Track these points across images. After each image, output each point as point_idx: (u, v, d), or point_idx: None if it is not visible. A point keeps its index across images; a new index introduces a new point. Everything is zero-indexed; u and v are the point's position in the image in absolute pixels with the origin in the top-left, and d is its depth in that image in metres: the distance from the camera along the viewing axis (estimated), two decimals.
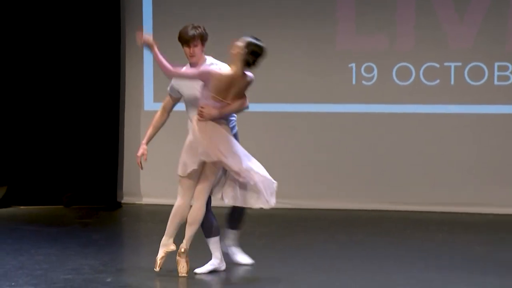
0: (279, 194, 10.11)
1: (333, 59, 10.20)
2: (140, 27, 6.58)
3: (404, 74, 10.12)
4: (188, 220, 6.62)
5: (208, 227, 6.72)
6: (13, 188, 10.27)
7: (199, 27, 6.69)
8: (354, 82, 10.21)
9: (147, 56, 10.48)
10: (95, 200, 10.37)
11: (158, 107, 10.42)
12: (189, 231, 6.62)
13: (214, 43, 10.34)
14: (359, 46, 10.13)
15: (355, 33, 10.14)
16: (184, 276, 6.52)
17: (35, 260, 7.12)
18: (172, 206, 10.21)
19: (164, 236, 6.70)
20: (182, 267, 6.53)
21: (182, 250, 6.58)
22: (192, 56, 6.65)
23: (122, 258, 7.36)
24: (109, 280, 6.47)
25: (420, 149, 10.09)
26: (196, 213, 6.61)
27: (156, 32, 10.52)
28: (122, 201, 10.58)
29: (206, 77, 6.49)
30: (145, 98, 10.58)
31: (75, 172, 10.35)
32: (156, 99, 10.54)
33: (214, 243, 6.74)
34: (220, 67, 6.61)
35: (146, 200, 10.53)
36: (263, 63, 10.20)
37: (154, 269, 6.60)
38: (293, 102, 10.30)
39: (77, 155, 10.38)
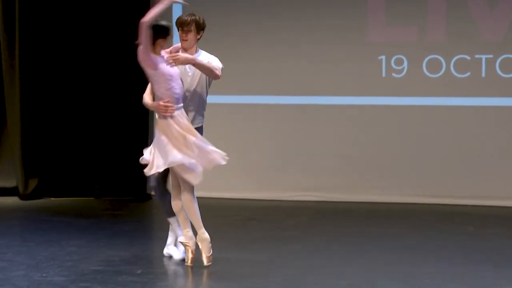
0: (310, 186, 10.17)
1: (363, 51, 10.15)
2: None
3: (434, 66, 10.06)
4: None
5: (170, 208, 6.85)
6: (45, 180, 10.34)
7: (196, 15, 6.89)
8: (384, 74, 10.16)
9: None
10: (125, 192, 10.43)
11: None
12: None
13: (243, 35, 10.40)
14: (389, 38, 10.08)
15: (385, 25, 10.09)
16: (207, 265, 6.56)
17: (66, 252, 7.16)
18: (201, 198, 10.29)
19: (182, 231, 6.74)
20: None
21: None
22: (184, 40, 6.77)
23: (152, 249, 7.39)
24: (139, 271, 6.50)
25: (450, 142, 10.02)
26: (188, 205, 6.66)
27: None
28: (152, 193, 10.61)
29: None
30: None
31: (105, 164, 10.40)
32: None
33: (175, 221, 6.89)
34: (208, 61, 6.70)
35: None
36: (293, 55, 10.27)
37: (186, 263, 6.65)
38: (323, 94, 10.27)
39: (107, 147, 10.43)
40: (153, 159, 6.63)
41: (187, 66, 6.75)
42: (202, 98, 6.95)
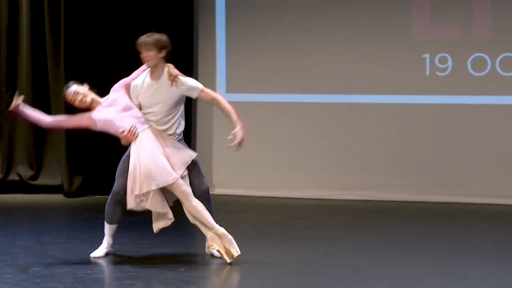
0: (356, 185, 10.13)
1: (407, 50, 10.08)
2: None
3: (479, 64, 9.96)
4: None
5: (113, 214, 6.90)
6: (89, 178, 10.41)
7: (156, 34, 7.00)
8: (428, 73, 10.08)
9: (220, 48, 10.51)
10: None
11: (231, 97, 10.53)
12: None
13: (288, 32, 10.39)
14: (433, 36, 10.00)
15: (429, 23, 10.00)
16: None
17: None
18: (244, 196, 10.34)
19: (207, 232, 6.73)
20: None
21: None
22: (146, 60, 6.91)
23: (195, 248, 7.40)
24: (181, 270, 6.50)
25: (494, 141, 9.92)
26: (195, 211, 6.73)
27: (230, 24, 10.55)
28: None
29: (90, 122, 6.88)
30: (218, 89, 10.60)
31: None
32: (229, 89, 10.57)
33: (112, 229, 6.93)
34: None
35: (218, 191, 10.56)
36: (338, 53, 10.22)
37: (227, 261, 6.64)
38: (366, 93, 10.22)
39: None
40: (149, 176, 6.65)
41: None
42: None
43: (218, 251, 6.68)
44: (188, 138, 10.58)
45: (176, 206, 6.98)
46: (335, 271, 6.48)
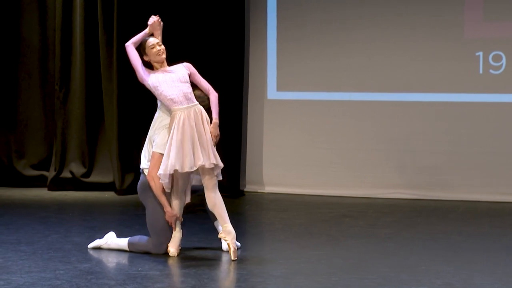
0: (406, 184, 10.06)
1: (459, 48, 10.00)
2: None
3: None
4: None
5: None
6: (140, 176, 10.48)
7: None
8: (481, 71, 9.98)
9: (271, 45, 10.52)
10: (219, 188, 10.46)
11: (282, 96, 10.61)
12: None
13: (338, 30, 10.36)
14: (487, 34, 9.89)
15: (483, 21, 9.90)
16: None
17: None
18: (293, 195, 10.33)
19: (224, 226, 6.81)
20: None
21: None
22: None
23: (244, 246, 7.41)
24: (232, 267, 6.52)
25: None
26: (220, 201, 6.93)
27: (281, 23, 10.55)
28: (245, 190, 10.67)
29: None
30: (268, 87, 10.63)
31: None
32: (279, 88, 10.58)
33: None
34: None
35: (268, 189, 10.59)
36: (389, 51, 10.17)
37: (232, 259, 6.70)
38: (418, 91, 10.15)
39: None
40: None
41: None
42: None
43: (228, 244, 6.76)
44: (239, 137, 10.63)
45: (230, 205, 6.99)
46: (384, 270, 6.45)
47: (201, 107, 6.91)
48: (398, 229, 8.25)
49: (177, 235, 6.90)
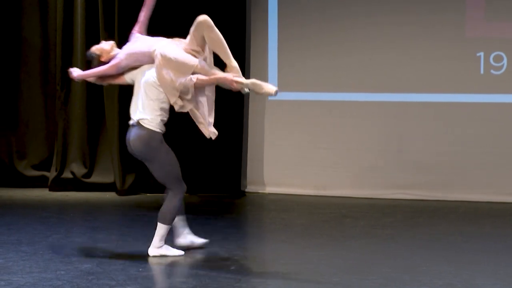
0: (407, 184, 10.06)
1: (460, 48, 9.99)
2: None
3: None
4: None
5: None
6: (141, 176, 10.49)
7: None
8: (482, 71, 9.97)
9: (272, 45, 10.52)
10: (220, 189, 10.50)
11: (282, 96, 10.57)
12: None
13: (340, 29, 10.36)
14: (488, 33, 9.88)
15: (484, 20, 9.89)
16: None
17: None
18: (294, 195, 10.33)
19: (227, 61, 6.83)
20: None
21: None
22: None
23: (245, 246, 7.42)
24: (233, 268, 6.52)
25: None
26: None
27: (282, 22, 10.55)
28: (246, 190, 10.67)
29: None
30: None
31: (200, 161, 10.49)
32: (281, 88, 10.54)
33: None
34: None
35: (269, 189, 10.59)
36: (390, 50, 10.16)
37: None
38: (418, 92, 10.15)
39: (202, 144, 10.49)
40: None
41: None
42: None
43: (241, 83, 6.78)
44: (240, 138, 10.63)
45: (231, 205, 6.99)
46: (386, 270, 6.45)
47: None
48: (399, 230, 8.25)
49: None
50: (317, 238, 7.72)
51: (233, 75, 6.75)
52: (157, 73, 6.78)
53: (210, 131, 6.87)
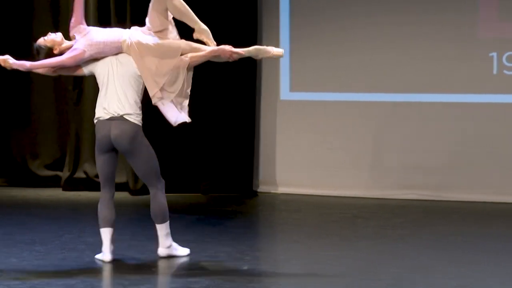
0: (417, 185, 10.04)
1: (473, 48, 9.95)
2: None
3: None
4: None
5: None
6: None
7: None
8: (495, 71, 9.94)
9: (284, 45, 10.52)
10: (232, 189, 10.51)
11: (295, 96, 10.60)
12: None
13: (353, 28, 10.34)
14: (501, 33, 9.84)
15: (497, 20, 9.86)
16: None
17: None
18: (306, 195, 10.33)
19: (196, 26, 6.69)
20: None
21: None
22: None
23: (258, 246, 7.43)
24: (245, 268, 6.53)
25: None
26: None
27: (294, 21, 10.54)
28: (258, 190, 10.68)
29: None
30: (281, 87, 10.63)
31: (213, 161, 10.51)
32: (293, 88, 10.58)
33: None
34: None
35: (281, 189, 10.59)
36: (403, 50, 10.14)
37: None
38: (431, 92, 10.12)
39: (215, 144, 10.53)
40: None
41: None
42: None
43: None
44: (252, 138, 10.63)
45: (243, 205, 7.01)
46: (397, 271, 6.45)
47: None
48: (410, 230, 8.25)
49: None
50: (328, 238, 7.73)
51: (230, 47, 6.54)
52: (137, 63, 6.55)
53: (180, 117, 6.69)
